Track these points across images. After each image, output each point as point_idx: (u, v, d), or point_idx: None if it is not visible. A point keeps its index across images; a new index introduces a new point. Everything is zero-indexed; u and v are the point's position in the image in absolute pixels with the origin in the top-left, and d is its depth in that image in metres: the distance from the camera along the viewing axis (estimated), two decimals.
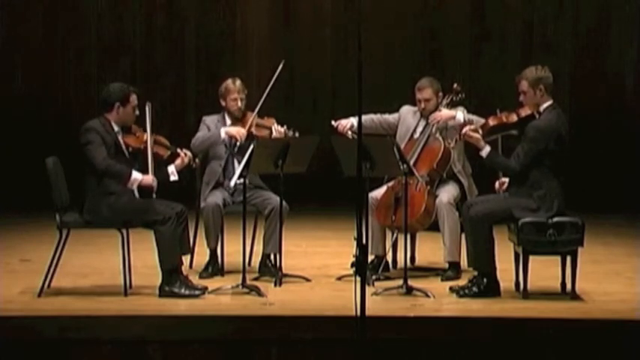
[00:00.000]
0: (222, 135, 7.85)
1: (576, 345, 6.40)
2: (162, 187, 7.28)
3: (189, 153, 7.46)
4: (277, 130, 7.82)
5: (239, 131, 7.83)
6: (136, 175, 7.14)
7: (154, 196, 7.14)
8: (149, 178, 7.17)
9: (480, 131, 7.20)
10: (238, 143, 7.83)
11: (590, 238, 7.19)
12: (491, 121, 7.24)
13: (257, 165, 7.39)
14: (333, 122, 8.00)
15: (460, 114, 7.77)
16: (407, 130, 7.97)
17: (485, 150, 7.16)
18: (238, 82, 7.99)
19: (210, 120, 8.05)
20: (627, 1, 11.89)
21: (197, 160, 7.64)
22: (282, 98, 11.69)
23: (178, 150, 7.41)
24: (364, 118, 7.82)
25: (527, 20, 12.07)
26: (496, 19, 12.10)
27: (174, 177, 7.33)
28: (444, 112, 7.81)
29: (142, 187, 7.17)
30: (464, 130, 7.25)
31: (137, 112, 7.30)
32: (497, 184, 7.39)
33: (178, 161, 7.37)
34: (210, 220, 7.71)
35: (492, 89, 11.50)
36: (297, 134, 7.82)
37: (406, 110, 8.07)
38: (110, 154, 7.15)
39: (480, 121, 7.52)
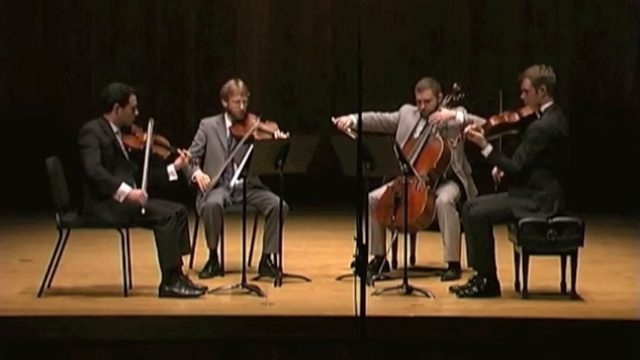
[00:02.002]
0: (192, 178, 7.83)
1: (576, 345, 6.40)
2: (161, 187, 7.27)
3: (189, 153, 7.47)
4: (280, 136, 7.80)
5: (203, 180, 7.79)
6: (124, 188, 7.06)
7: (143, 211, 7.05)
8: (137, 193, 7.07)
9: (482, 130, 7.19)
10: (202, 190, 7.80)
11: (590, 238, 7.19)
12: (493, 121, 7.23)
13: (257, 166, 7.39)
14: (332, 119, 8.00)
15: (460, 114, 7.77)
16: (407, 129, 7.96)
17: (487, 149, 7.15)
18: (241, 84, 7.98)
19: (208, 123, 8.04)
20: (627, 1, 11.89)
21: (197, 160, 7.64)
22: (282, 98, 11.71)
23: (178, 150, 7.41)
24: (364, 115, 7.81)
25: (527, 20, 12.07)
26: (496, 19, 12.11)
27: (173, 177, 7.34)
28: (444, 112, 7.81)
29: (129, 201, 7.06)
30: (466, 130, 7.25)
31: (136, 112, 7.29)
32: (494, 170, 7.35)
33: (178, 161, 7.38)
34: (210, 220, 7.71)
35: (492, 89, 11.50)
36: None
37: (406, 109, 8.06)
38: (109, 155, 7.14)
39: (480, 121, 7.52)
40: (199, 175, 7.84)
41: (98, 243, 8.40)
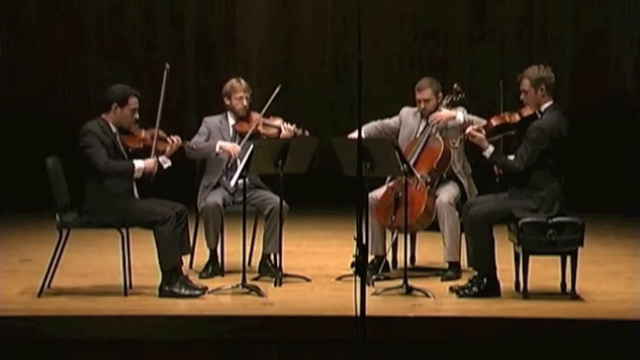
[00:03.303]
0: (217, 149, 7.84)
1: (576, 345, 6.40)
2: (158, 177, 7.26)
3: (178, 139, 7.39)
4: (287, 128, 7.81)
5: (234, 148, 7.82)
6: (139, 165, 7.14)
7: (151, 178, 7.12)
8: (151, 162, 7.16)
9: (483, 131, 7.19)
10: (232, 159, 7.81)
11: (590, 238, 7.19)
12: (494, 121, 7.23)
13: (257, 165, 7.39)
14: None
15: (460, 114, 7.77)
16: (410, 132, 7.95)
17: (489, 150, 7.15)
18: (243, 82, 8.01)
19: (211, 121, 8.05)
20: (627, 1, 11.90)
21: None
22: (281, 98, 11.69)
23: (167, 138, 7.36)
24: (367, 127, 7.85)
25: (527, 20, 12.08)
26: (496, 19, 12.11)
27: (166, 164, 7.29)
28: (444, 112, 7.81)
29: (146, 173, 7.14)
30: (467, 130, 7.24)
31: (137, 116, 7.27)
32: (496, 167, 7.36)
33: (167, 148, 7.32)
34: (210, 220, 7.71)
35: (492, 89, 11.51)
36: (307, 133, 7.82)
37: (406, 112, 8.05)
38: (109, 155, 7.14)
39: (480, 121, 7.52)
40: (227, 144, 7.83)
41: (98, 243, 8.41)
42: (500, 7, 12.12)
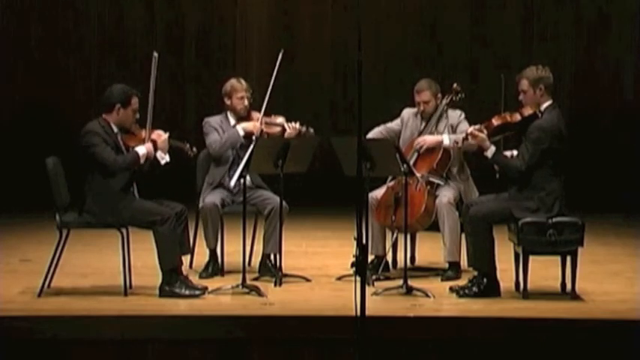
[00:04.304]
0: (241, 132, 7.84)
1: (576, 345, 6.40)
2: (159, 173, 7.25)
3: (162, 133, 7.37)
4: (291, 126, 7.81)
5: (255, 126, 7.82)
6: (142, 151, 7.15)
7: (145, 163, 7.15)
8: (149, 145, 7.18)
9: (485, 131, 7.19)
10: (254, 137, 7.79)
11: (590, 238, 7.19)
12: (495, 121, 7.22)
13: (257, 165, 7.39)
14: None
15: (447, 139, 7.72)
16: (411, 134, 7.94)
17: (491, 150, 7.15)
18: (243, 81, 8.01)
19: (213, 121, 8.04)
20: (627, 1, 11.90)
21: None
22: (281, 98, 11.70)
23: (154, 134, 7.33)
24: (372, 133, 7.89)
25: (527, 20, 12.08)
26: (496, 19, 12.11)
27: (164, 160, 7.29)
28: (429, 138, 7.78)
29: (149, 157, 7.17)
30: (469, 130, 7.24)
31: (137, 116, 7.28)
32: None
33: (159, 144, 7.29)
34: (208, 220, 7.70)
35: (492, 89, 11.51)
36: (311, 130, 7.82)
37: (407, 113, 8.04)
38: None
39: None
40: (248, 125, 7.83)
41: (98, 243, 8.41)
42: (500, 7, 12.12)
